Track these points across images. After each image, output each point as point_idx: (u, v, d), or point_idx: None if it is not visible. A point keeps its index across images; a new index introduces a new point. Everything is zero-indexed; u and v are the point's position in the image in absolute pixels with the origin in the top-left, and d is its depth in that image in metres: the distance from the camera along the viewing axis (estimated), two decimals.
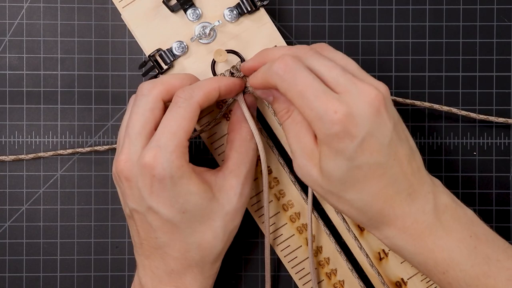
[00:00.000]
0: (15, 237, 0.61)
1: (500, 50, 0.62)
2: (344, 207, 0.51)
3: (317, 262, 0.59)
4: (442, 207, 0.51)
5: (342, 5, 0.61)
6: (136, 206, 0.52)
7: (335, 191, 0.50)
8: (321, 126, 0.48)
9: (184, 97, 0.52)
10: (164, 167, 0.50)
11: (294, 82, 0.49)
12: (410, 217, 0.50)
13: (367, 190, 0.49)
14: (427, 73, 0.61)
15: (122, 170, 0.52)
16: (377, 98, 0.48)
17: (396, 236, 0.51)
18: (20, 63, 0.61)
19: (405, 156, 0.50)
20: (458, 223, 0.51)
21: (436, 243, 0.50)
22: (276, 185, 0.59)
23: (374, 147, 0.48)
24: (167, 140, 0.50)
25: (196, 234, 0.53)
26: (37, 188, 0.61)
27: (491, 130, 0.62)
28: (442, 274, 0.50)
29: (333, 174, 0.49)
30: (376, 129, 0.48)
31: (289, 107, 0.52)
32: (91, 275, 0.61)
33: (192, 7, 0.57)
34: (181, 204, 0.51)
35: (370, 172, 0.49)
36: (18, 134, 0.61)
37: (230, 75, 0.56)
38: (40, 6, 0.61)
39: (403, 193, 0.50)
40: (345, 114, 0.48)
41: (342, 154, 0.48)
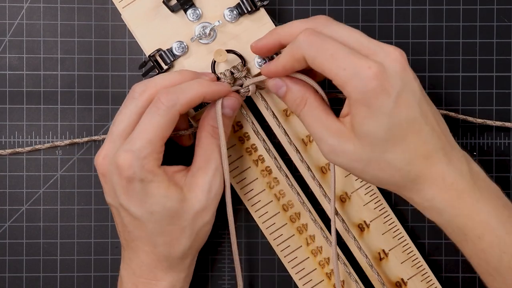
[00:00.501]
0: (15, 237, 0.61)
1: (500, 50, 0.62)
2: (386, 172, 0.50)
3: (317, 262, 0.59)
4: (476, 173, 0.51)
5: (342, 5, 0.61)
6: (110, 200, 0.54)
7: (376, 156, 0.50)
8: (358, 83, 0.48)
9: (166, 104, 0.52)
10: (135, 170, 0.51)
11: (323, 47, 0.49)
12: (449, 176, 0.50)
13: (408, 147, 0.49)
14: (427, 73, 0.61)
15: (99, 165, 0.54)
16: (402, 56, 0.49)
17: (437, 197, 0.50)
18: (20, 63, 0.61)
19: (433, 115, 0.50)
20: (491, 191, 0.51)
21: (475, 205, 0.50)
22: (276, 185, 0.59)
23: (408, 103, 0.49)
24: (141, 146, 0.51)
25: (163, 233, 0.53)
26: (37, 188, 0.61)
27: (491, 130, 0.62)
28: (477, 238, 0.50)
29: (375, 135, 0.49)
30: (406, 86, 0.49)
31: (303, 95, 0.52)
32: (91, 275, 0.61)
33: (192, 7, 0.57)
34: (150, 205, 0.52)
35: (408, 129, 0.49)
36: (18, 134, 0.61)
37: (230, 75, 0.56)
38: (40, 6, 0.61)
39: (440, 152, 0.50)
40: (380, 70, 0.48)
41: (381, 111, 0.48)
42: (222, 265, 0.62)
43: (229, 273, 0.62)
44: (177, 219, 0.53)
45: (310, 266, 0.59)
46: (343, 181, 0.59)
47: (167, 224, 0.53)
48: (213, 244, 0.61)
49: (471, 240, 0.50)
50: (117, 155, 0.52)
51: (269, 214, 0.59)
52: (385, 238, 0.59)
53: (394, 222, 0.60)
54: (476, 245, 0.50)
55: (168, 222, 0.53)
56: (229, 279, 0.62)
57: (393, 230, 0.60)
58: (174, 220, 0.53)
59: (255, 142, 0.59)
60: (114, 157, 0.52)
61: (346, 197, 0.59)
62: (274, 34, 0.53)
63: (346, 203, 0.59)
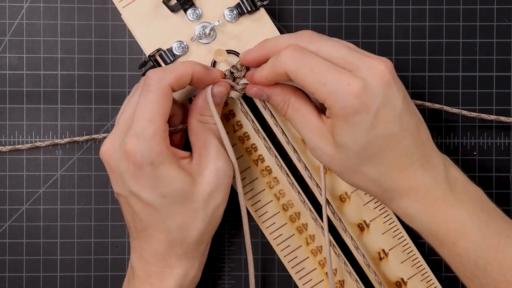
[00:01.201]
0: (15, 237, 0.61)
1: (500, 50, 0.62)
2: (361, 181, 0.52)
3: (317, 262, 0.59)
4: (453, 179, 0.52)
5: (342, 5, 0.61)
6: (119, 190, 0.54)
7: (352, 166, 0.51)
8: (336, 99, 0.49)
9: (155, 79, 0.52)
10: (144, 154, 0.51)
11: (304, 63, 0.50)
12: (423, 186, 0.51)
13: (382, 162, 0.50)
14: (427, 73, 0.61)
15: (104, 154, 0.53)
16: (386, 70, 0.50)
17: (410, 206, 0.51)
18: (20, 63, 0.61)
19: (414, 126, 0.51)
20: (469, 196, 0.51)
21: (449, 212, 0.50)
22: (276, 185, 0.59)
23: (388, 118, 0.49)
24: (143, 127, 0.51)
25: (177, 216, 0.53)
26: (37, 188, 0.61)
27: (491, 130, 0.62)
28: (452, 244, 0.50)
29: (351, 148, 0.50)
30: (388, 100, 0.49)
31: (285, 98, 0.54)
32: (91, 275, 0.61)
33: (192, 7, 0.57)
34: (162, 188, 0.52)
35: (385, 144, 0.50)
36: (18, 134, 0.61)
37: (230, 74, 0.56)
38: (40, 6, 0.61)
39: (416, 163, 0.51)
40: (360, 86, 0.49)
41: (359, 127, 0.49)
42: (222, 265, 0.62)
43: (229, 273, 0.62)
44: (189, 201, 0.53)
45: (310, 266, 0.59)
46: (343, 181, 0.59)
47: (180, 207, 0.53)
48: (213, 244, 0.61)
49: (446, 245, 0.51)
50: (123, 143, 0.51)
51: (269, 214, 0.59)
52: (385, 238, 0.59)
53: (394, 222, 0.60)
54: (451, 251, 0.51)
55: (181, 204, 0.53)
56: (229, 279, 0.62)
57: (393, 229, 0.60)
58: (186, 202, 0.53)
59: (255, 141, 0.59)
60: (120, 145, 0.52)
61: (346, 197, 0.59)
62: (262, 48, 0.54)
63: (346, 203, 0.59)
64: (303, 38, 0.52)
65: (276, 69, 0.52)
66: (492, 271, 0.50)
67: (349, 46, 0.51)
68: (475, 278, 0.51)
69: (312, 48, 0.51)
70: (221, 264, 0.62)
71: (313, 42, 0.51)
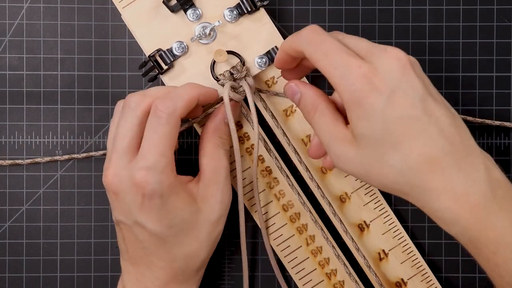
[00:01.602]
0: (15, 237, 0.61)
1: (500, 50, 0.62)
2: (388, 177, 0.47)
3: (317, 262, 0.59)
4: (496, 181, 0.47)
5: (342, 5, 0.61)
6: (123, 219, 0.53)
7: (376, 160, 0.47)
8: (346, 83, 0.47)
9: (166, 111, 0.51)
10: (155, 187, 0.51)
11: (320, 44, 0.49)
12: (460, 185, 0.46)
13: (408, 148, 0.46)
14: (427, 73, 0.61)
15: (110, 184, 0.52)
16: (404, 57, 0.47)
17: (447, 208, 0.46)
18: (20, 63, 0.61)
19: (443, 116, 0.47)
20: (511, 202, 0.47)
21: (490, 219, 0.46)
22: (276, 185, 0.59)
23: (406, 101, 0.47)
24: (155, 160, 0.51)
25: (182, 245, 0.53)
26: (37, 189, 0.61)
27: (491, 131, 0.62)
28: (492, 253, 0.46)
29: (370, 136, 0.47)
30: (405, 84, 0.47)
31: (314, 102, 0.51)
32: (91, 275, 0.61)
33: (192, 7, 0.57)
34: (169, 220, 0.52)
35: (407, 128, 0.46)
36: (18, 134, 0.61)
37: (230, 75, 0.56)
38: (40, 6, 0.61)
39: (449, 156, 0.46)
40: (369, 68, 0.47)
41: (373, 110, 0.46)
42: (222, 265, 0.62)
43: (229, 273, 0.62)
44: (194, 230, 0.53)
45: (310, 266, 0.59)
46: (343, 181, 0.59)
47: (185, 235, 0.53)
48: None
49: (485, 254, 0.47)
50: (132, 175, 0.51)
51: (269, 214, 0.59)
52: (385, 238, 0.59)
53: (394, 222, 0.60)
54: (490, 260, 0.47)
55: (186, 233, 0.53)
56: (229, 279, 0.62)
57: (393, 230, 0.60)
58: (191, 231, 0.53)
59: (255, 142, 0.59)
60: (130, 176, 0.51)
61: (346, 197, 0.59)
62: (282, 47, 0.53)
63: (346, 203, 0.59)
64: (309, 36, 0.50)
65: (294, 46, 0.50)
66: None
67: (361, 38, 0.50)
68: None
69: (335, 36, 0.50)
70: (221, 264, 0.62)
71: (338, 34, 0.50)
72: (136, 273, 0.54)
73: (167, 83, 0.57)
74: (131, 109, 0.52)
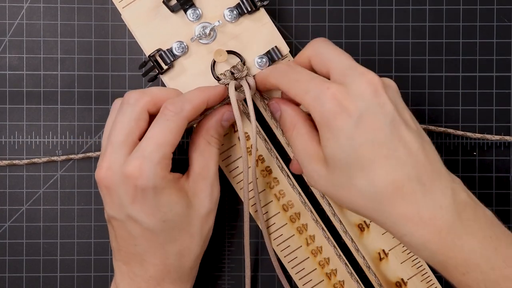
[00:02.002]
0: (15, 237, 0.61)
1: (500, 50, 0.62)
2: (357, 200, 0.48)
3: (317, 262, 0.59)
4: (462, 204, 0.48)
5: (342, 5, 0.61)
6: (115, 214, 0.52)
7: (344, 181, 0.48)
8: (317, 104, 0.48)
9: (174, 111, 0.52)
10: (148, 177, 0.50)
11: (292, 75, 0.51)
12: (427, 211, 0.47)
13: (374, 173, 0.47)
14: (427, 73, 0.61)
15: (103, 178, 0.52)
16: (377, 81, 0.48)
17: (414, 233, 0.47)
18: (20, 63, 0.61)
19: (412, 141, 0.48)
20: (478, 223, 0.48)
21: (456, 243, 0.47)
22: (276, 185, 0.59)
23: (374, 124, 0.47)
24: (152, 151, 0.51)
25: (175, 241, 0.53)
26: (37, 188, 0.61)
27: (491, 131, 0.62)
28: (462, 275, 0.48)
29: (338, 157, 0.48)
30: (375, 108, 0.48)
31: (292, 120, 0.53)
32: (91, 275, 0.61)
33: (192, 7, 0.57)
34: (163, 213, 0.52)
35: (374, 152, 0.47)
36: (18, 134, 0.61)
37: (231, 75, 0.56)
38: (40, 6, 0.61)
39: (414, 182, 0.47)
40: (339, 90, 0.48)
41: (342, 132, 0.48)
42: (222, 265, 0.62)
43: (229, 273, 0.62)
44: (186, 225, 0.53)
45: (310, 266, 0.59)
46: None
47: (179, 231, 0.53)
48: (213, 244, 0.61)
49: (455, 276, 0.48)
50: (126, 164, 0.51)
51: (269, 214, 0.59)
52: (385, 238, 0.59)
53: None
54: (461, 282, 0.48)
55: (179, 228, 0.53)
56: (229, 279, 0.62)
57: None
58: (184, 226, 0.53)
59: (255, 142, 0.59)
60: (122, 167, 0.51)
61: None
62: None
63: None
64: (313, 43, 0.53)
65: (268, 80, 0.54)
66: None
67: (351, 59, 0.50)
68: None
69: (312, 51, 0.52)
70: (221, 264, 0.62)
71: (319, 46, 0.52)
72: (129, 273, 0.54)
73: (167, 83, 0.57)
74: (130, 104, 0.52)
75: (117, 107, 0.54)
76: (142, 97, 0.53)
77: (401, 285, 0.59)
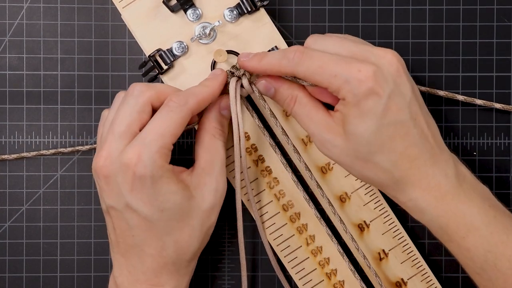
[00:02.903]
0: (15, 237, 0.61)
1: (500, 50, 0.62)
2: (371, 171, 0.52)
3: (317, 262, 0.59)
4: (462, 175, 0.52)
5: (342, 5, 0.61)
6: (113, 203, 0.52)
7: (363, 155, 0.51)
8: (349, 87, 0.49)
9: (178, 102, 0.52)
10: (146, 165, 0.50)
11: (311, 61, 0.51)
12: (434, 178, 0.51)
13: (394, 150, 0.50)
14: (427, 73, 0.61)
15: (102, 167, 0.52)
16: (394, 58, 0.51)
17: (420, 198, 0.51)
18: (20, 63, 0.61)
19: (423, 118, 0.51)
20: (477, 193, 0.52)
21: (459, 207, 0.51)
22: (276, 185, 0.59)
23: (399, 105, 0.50)
24: (152, 139, 0.51)
25: (173, 232, 0.53)
26: (37, 188, 0.61)
27: (491, 130, 0.62)
28: (462, 238, 0.51)
29: (363, 136, 0.50)
30: (399, 88, 0.50)
31: (292, 93, 0.54)
32: (91, 275, 0.61)
33: (192, 7, 0.57)
34: (160, 202, 0.51)
35: (395, 131, 0.50)
36: (18, 134, 0.61)
37: (231, 74, 0.56)
38: (40, 6, 0.61)
39: (426, 154, 0.51)
40: (372, 71, 0.49)
41: (372, 113, 0.50)
42: (222, 265, 0.62)
43: (229, 273, 0.62)
44: (186, 217, 0.53)
45: (310, 266, 0.59)
46: (343, 181, 0.59)
47: (177, 223, 0.53)
48: (213, 244, 0.61)
49: (455, 240, 0.51)
50: (125, 151, 0.51)
51: (269, 214, 0.59)
52: (385, 238, 0.59)
53: (394, 222, 0.60)
54: (460, 245, 0.51)
55: (178, 220, 0.53)
56: (229, 279, 0.62)
57: (393, 230, 0.60)
58: (183, 218, 0.53)
59: (255, 142, 0.59)
60: (121, 154, 0.51)
61: (346, 197, 0.59)
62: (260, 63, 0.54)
63: (346, 203, 0.59)
64: (307, 42, 0.53)
65: (282, 71, 0.52)
66: (501, 266, 0.50)
67: (353, 40, 0.52)
68: (484, 272, 0.51)
69: (318, 46, 0.52)
70: (221, 264, 0.62)
71: (317, 42, 0.52)
72: (127, 266, 0.54)
73: (167, 83, 0.57)
74: (134, 96, 0.53)
75: (119, 99, 0.54)
76: (147, 89, 0.53)
77: (401, 285, 0.59)
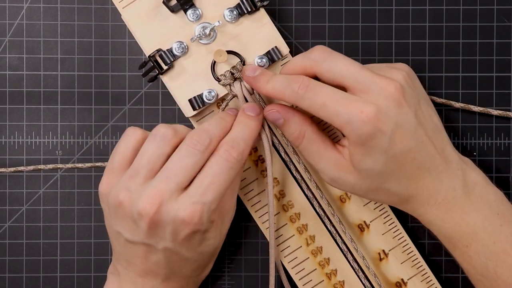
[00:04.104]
0: (15, 237, 0.61)
1: (500, 50, 0.62)
2: (384, 197, 0.53)
3: (317, 263, 0.59)
4: (472, 184, 0.53)
5: (342, 5, 0.61)
6: (152, 243, 0.52)
7: (375, 186, 0.52)
8: (352, 128, 0.50)
9: (237, 158, 0.52)
10: (203, 222, 0.51)
11: (315, 97, 0.51)
12: (440, 193, 0.52)
13: (403, 175, 0.52)
14: (427, 74, 0.61)
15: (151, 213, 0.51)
16: (396, 90, 0.51)
17: (429, 212, 0.53)
18: (20, 63, 0.61)
19: (429, 137, 0.52)
20: (486, 201, 0.53)
21: (464, 218, 0.52)
22: (276, 186, 0.59)
23: (403, 135, 0.51)
24: (214, 199, 0.51)
25: (206, 266, 0.57)
26: (37, 189, 0.61)
27: (491, 131, 0.62)
28: (465, 247, 0.53)
29: (373, 170, 0.51)
30: (401, 120, 0.51)
31: (301, 128, 0.54)
32: (91, 275, 0.61)
33: (192, 8, 0.57)
34: (202, 247, 0.54)
35: (403, 159, 0.51)
36: (18, 134, 0.61)
37: (231, 75, 0.56)
38: (40, 7, 0.61)
39: (434, 172, 0.52)
40: (373, 111, 0.50)
41: (378, 149, 0.50)
42: (222, 265, 0.62)
43: (229, 273, 0.62)
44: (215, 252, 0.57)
45: (310, 266, 0.59)
46: None
47: (211, 257, 0.56)
48: None
49: (459, 248, 0.53)
50: (182, 208, 0.50)
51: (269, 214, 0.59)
52: (385, 238, 0.59)
53: (394, 222, 0.60)
54: (463, 253, 0.53)
55: (211, 255, 0.56)
56: (229, 279, 0.62)
57: (393, 230, 0.60)
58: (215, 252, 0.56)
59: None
60: (176, 207, 0.51)
61: (346, 197, 0.59)
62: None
63: (346, 203, 0.59)
64: (315, 55, 0.52)
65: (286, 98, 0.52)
66: (501, 273, 0.52)
67: (360, 66, 0.51)
68: (485, 279, 0.53)
69: (325, 66, 0.51)
70: (221, 264, 0.62)
71: (326, 61, 0.52)
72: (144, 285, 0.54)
73: (167, 83, 0.57)
74: (163, 139, 0.52)
75: (131, 137, 0.54)
76: (176, 135, 0.53)
77: (401, 285, 0.59)
